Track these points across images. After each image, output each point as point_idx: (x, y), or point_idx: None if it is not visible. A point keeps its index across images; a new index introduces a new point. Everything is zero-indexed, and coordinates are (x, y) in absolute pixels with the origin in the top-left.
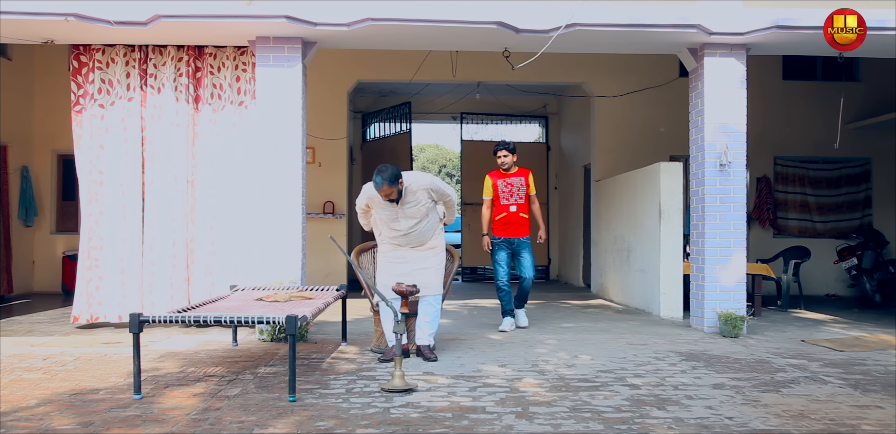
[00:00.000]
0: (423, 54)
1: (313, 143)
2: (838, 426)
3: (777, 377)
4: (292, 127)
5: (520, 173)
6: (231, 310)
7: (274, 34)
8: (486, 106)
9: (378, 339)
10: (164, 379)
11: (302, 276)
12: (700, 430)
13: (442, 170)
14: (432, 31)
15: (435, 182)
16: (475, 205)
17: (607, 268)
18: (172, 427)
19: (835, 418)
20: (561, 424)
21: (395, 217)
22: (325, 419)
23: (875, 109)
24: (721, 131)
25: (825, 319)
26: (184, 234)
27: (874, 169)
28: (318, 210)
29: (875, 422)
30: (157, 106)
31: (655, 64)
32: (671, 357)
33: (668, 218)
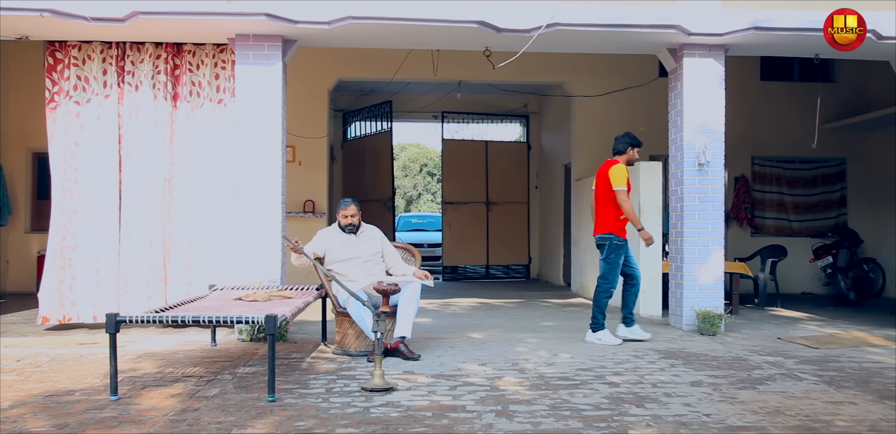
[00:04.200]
0: (404, 53)
1: (293, 142)
2: (813, 422)
3: (754, 374)
4: (272, 125)
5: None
6: (210, 309)
7: (254, 32)
8: (467, 105)
9: (340, 341)
10: (142, 380)
11: (282, 276)
12: (678, 427)
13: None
14: (413, 29)
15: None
16: (456, 204)
17: (587, 267)
18: (150, 428)
19: (810, 414)
20: (541, 423)
21: (353, 247)
22: (304, 419)
23: (850, 110)
24: (700, 131)
25: (801, 317)
26: (161, 233)
27: (849, 169)
28: (298, 209)
29: (848, 417)
30: (134, 103)
31: (635, 64)
32: (650, 355)
33: (648, 217)
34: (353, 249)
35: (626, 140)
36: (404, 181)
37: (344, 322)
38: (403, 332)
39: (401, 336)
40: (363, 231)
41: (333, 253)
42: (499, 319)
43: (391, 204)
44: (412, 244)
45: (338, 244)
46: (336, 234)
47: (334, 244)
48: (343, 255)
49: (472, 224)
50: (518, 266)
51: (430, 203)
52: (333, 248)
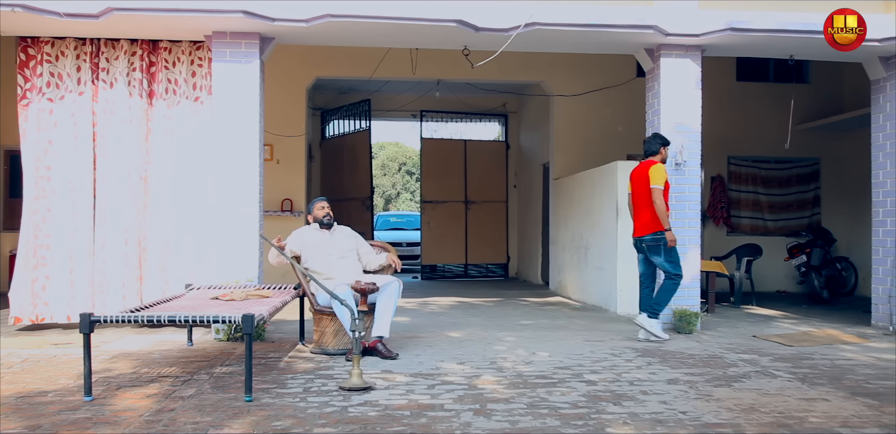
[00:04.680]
0: (382, 51)
1: (271, 140)
2: (787, 419)
3: (729, 372)
4: (250, 123)
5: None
6: (186, 309)
7: (231, 29)
8: (445, 104)
9: (318, 340)
10: (117, 380)
11: (259, 275)
12: (654, 424)
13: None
14: (392, 28)
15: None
16: (435, 203)
17: (565, 265)
18: (125, 429)
19: (783, 411)
20: (518, 421)
21: (328, 243)
22: (281, 419)
23: (824, 111)
24: (677, 131)
25: (776, 315)
26: (137, 231)
27: (823, 169)
28: (276, 207)
29: (821, 414)
30: (109, 101)
31: (613, 64)
32: (627, 353)
33: (626, 216)
34: (328, 246)
35: (657, 141)
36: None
37: (322, 321)
38: (381, 332)
39: (378, 335)
40: (336, 229)
41: (309, 250)
42: (477, 318)
43: (370, 203)
44: (390, 243)
45: (313, 241)
46: (311, 232)
47: (309, 242)
48: (318, 251)
49: (451, 223)
50: (496, 265)
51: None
52: (309, 245)
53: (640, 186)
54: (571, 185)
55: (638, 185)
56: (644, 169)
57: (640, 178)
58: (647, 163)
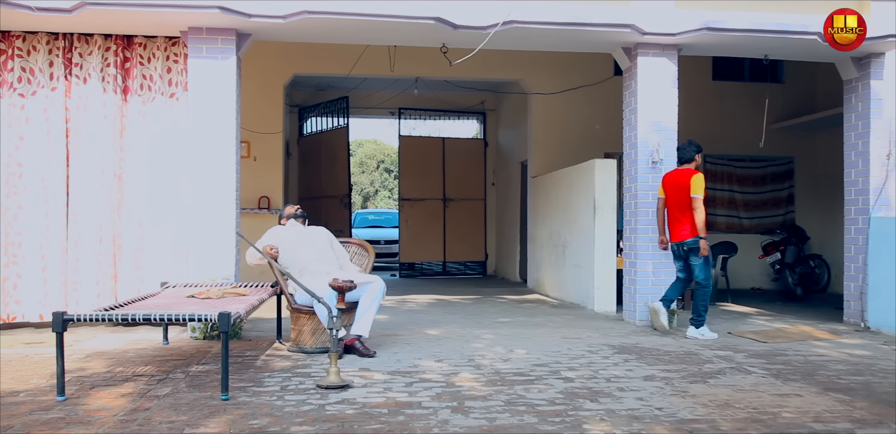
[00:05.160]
0: (360, 48)
1: (248, 137)
2: (761, 414)
3: (705, 368)
4: (226, 120)
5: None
6: (161, 307)
7: (207, 25)
8: (424, 101)
9: (296, 338)
10: (90, 379)
11: (236, 273)
12: (631, 421)
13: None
14: (370, 25)
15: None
16: (413, 200)
17: (543, 263)
18: (98, 429)
19: (758, 407)
20: (496, 418)
21: (302, 236)
22: (258, 417)
23: (798, 110)
24: (654, 129)
25: (750, 312)
26: (111, 229)
27: (797, 167)
28: (252, 205)
29: (794, 409)
30: (82, 96)
31: (591, 62)
32: (604, 350)
33: (603, 214)
34: (303, 240)
35: (692, 148)
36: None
37: (299, 319)
38: (361, 331)
39: (357, 334)
40: (310, 227)
41: (285, 245)
42: (455, 316)
43: (347, 200)
44: (368, 241)
45: (288, 237)
46: (285, 228)
47: (285, 238)
48: (294, 245)
49: (429, 221)
50: (475, 262)
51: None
52: (284, 241)
53: (679, 193)
54: (549, 183)
55: (677, 191)
56: (684, 177)
57: (679, 184)
58: (686, 171)
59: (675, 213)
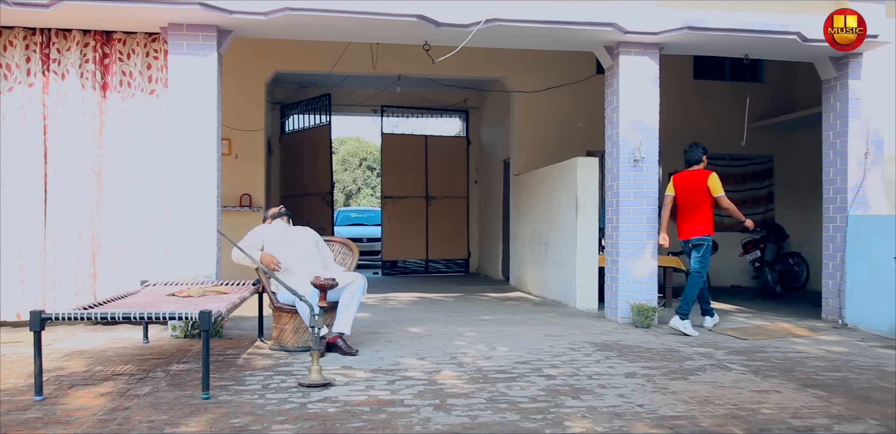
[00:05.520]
0: (343, 46)
1: (229, 135)
2: (740, 410)
3: (685, 365)
4: (207, 117)
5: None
6: (141, 305)
7: (187, 21)
8: (406, 99)
9: (277, 336)
10: (69, 379)
11: (217, 271)
12: (612, 417)
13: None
14: (352, 22)
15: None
16: (396, 198)
17: (525, 261)
18: (77, 428)
19: (737, 403)
20: (478, 415)
21: (288, 236)
22: (239, 416)
23: (777, 109)
24: (635, 128)
25: (731, 309)
26: (90, 227)
27: (776, 166)
28: (234, 203)
29: (773, 405)
30: (60, 93)
31: (573, 61)
32: (586, 347)
33: (585, 212)
34: (289, 239)
35: (699, 150)
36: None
37: (281, 318)
38: (342, 328)
39: (339, 331)
40: (296, 226)
41: (270, 244)
42: (438, 313)
43: (330, 198)
44: (351, 239)
45: (274, 236)
46: (272, 227)
47: (271, 236)
48: (278, 244)
49: (412, 218)
50: (457, 260)
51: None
52: (270, 239)
53: (693, 192)
54: (531, 181)
55: (691, 191)
56: (699, 177)
57: (693, 184)
58: (700, 172)
59: (688, 211)
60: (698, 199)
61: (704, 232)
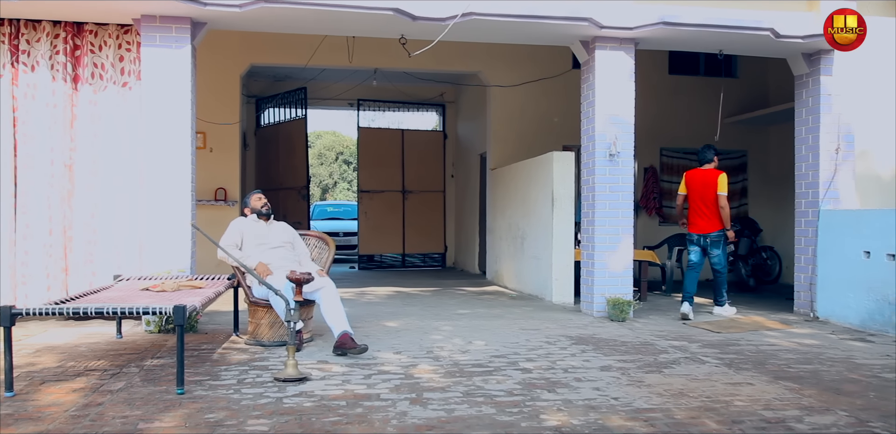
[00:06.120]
0: (318, 39)
1: (204, 128)
2: (714, 403)
3: (660, 358)
4: (180, 110)
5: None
6: (115, 300)
7: (161, 13)
8: (383, 93)
9: (253, 331)
10: (40, 374)
11: (191, 265)
12: (588, 410)
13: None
14: (327, 15)
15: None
16: (372, 192)
17: (502, 255)
18: (49, 425)
19: (711, 395)
20: (454, 409)
21: (265, 233)
22: (215, 411)
23: (751, 105)
24: (611, 122)
25: (705, 303)
26: (61, 221)
27: (750, 161)
28: (209, 197)
29: (746, 397)
30: (30, 85)
31: (550, 55)
32: (562, 341)
33: (561, 206)
34: (265, 236)
35: (711, 151)
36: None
37: (257, 312)
38: (344, 327)
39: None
40: (273, 222)
41: (247, 240)
42: (414, 308)
43: (306, 192)
44: (327, 233)
45: (252, 232)
46: (249, 222)
47: (248, 231)
48: (255, 241)
49: (389, 213)
50: (434, 254)
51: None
52: (248, 235)
53: (705, 190)
54: (508, 176)
55: (703, 188)
56: (711, 176)
57: (705, 182)
58: (712, 171)
59: (701, 208)
60: (710, 196)
61: (718, 227)
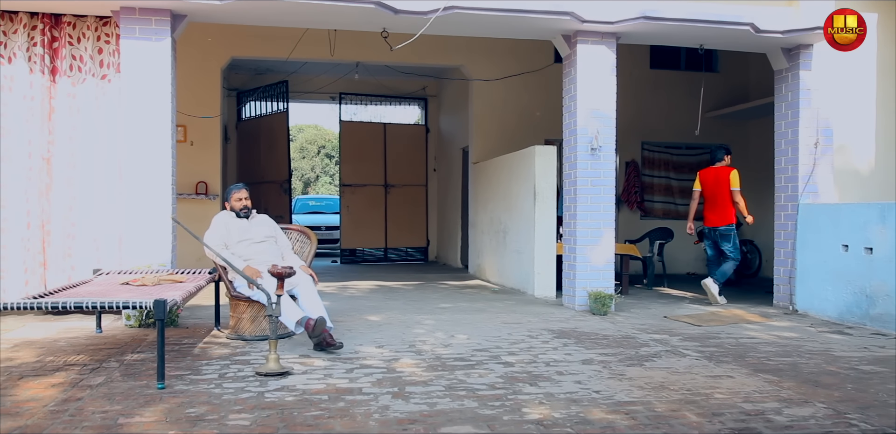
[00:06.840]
0: (300, 32)
1: (185, 121)
2: (694, 395)
3: (641, 352)
4: (160, 103)
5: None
6: (94, 294)
7: (140, 5)
8: (365, 86)
9: (235, 325)
10: (19, 369)
11: (172, 259)
12: (569, 403)
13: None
14: (309, 8)
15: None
16: (354, 186)
17: (484, 249)
18: (27, 420)
19: (691, 388)
20: (436, 403)
21: (248, 228)
22: (195, 406)
23: (732, 99)
24: (593, 116)
25: (686, 296)
26: (39, 215)
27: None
28: (190, 190)
29: (726, 390)
30: (7, 77)
31: (532, 49)
32: (544, 335)
33: (543, 200)
34: (247, 231)
35: (723, 150)
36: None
37: (238, 307)
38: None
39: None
40: (254, 217)
41: (229, 235)
42: (397, 302)
43: (288, 186)
44: (309, 227)
45: (234, 227)
46: (229, 218)
47: (231, 227)
48: (237, 237)
49: (371, 207)
50: (416, 249)
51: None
52: (231, 230)
53: (718, 185)
54: (490, 170)
55: (716, 184)
56: (723, 173)
57: (718, 178)
58: (725, 168)
59: (714, 203)
60: (723, 192)
61: (729, 221)
